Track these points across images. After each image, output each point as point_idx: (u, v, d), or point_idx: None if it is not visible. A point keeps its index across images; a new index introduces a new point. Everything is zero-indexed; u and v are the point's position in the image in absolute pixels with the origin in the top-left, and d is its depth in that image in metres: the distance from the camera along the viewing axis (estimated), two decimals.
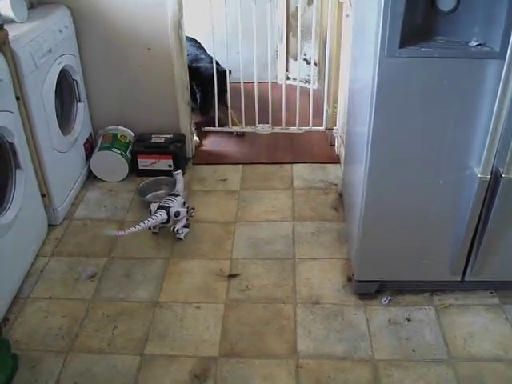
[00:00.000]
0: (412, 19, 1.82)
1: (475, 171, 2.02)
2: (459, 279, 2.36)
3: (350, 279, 2.54)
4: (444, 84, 1.88)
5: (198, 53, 4.15)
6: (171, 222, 2.83)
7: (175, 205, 2.84)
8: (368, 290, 2.44)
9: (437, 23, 1.87)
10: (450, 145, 2.00)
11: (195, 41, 4.36)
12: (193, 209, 3.05)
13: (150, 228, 2.86)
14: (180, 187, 3.03)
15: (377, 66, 1.88)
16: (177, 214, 2.80)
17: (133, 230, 2.67)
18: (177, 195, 2.92)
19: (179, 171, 3.15)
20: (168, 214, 2.79)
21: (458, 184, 2.08)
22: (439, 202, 2.15)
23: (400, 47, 1.83)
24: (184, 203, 2.95)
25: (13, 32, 2.55)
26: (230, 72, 3.65)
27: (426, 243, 2.27)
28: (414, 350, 2.20)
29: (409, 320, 2.34)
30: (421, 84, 1.91)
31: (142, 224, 2.71)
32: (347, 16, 3.08)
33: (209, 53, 4.16)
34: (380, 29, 1.81)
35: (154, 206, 2.87)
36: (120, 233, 2.66)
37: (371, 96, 1.96)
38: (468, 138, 1.98)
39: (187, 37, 3.78)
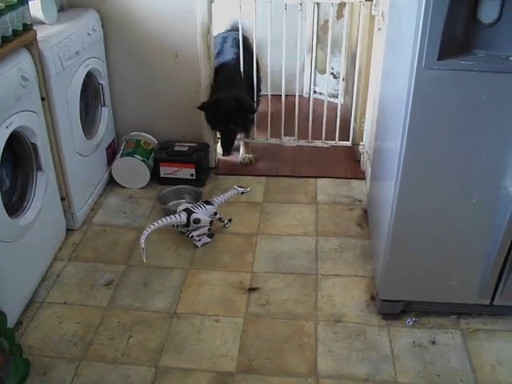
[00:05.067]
0: (452, 31, 1.76)
1: (510, 191, 1.94)
2: (488, 303, 2.28)
3: (373, 298, 2.47)
4: (483, 99, 1.82)
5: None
6: (190, 227, 2.78)
7: (200, 212, 2.79)
8: (392, 310, 2.36)
9: (477, 36, 1.81)
10: (486, 163, 1.93)
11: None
12: (229, 221, 3.00)
13: (173, 226, 2.82)
14: (222, 198, 2.94)
15: (413, 78, 1.82)
16: (196, 220, 2.75)
17: (149, 230, 2.62)
18: (209, 204, 2.87)
19: (244, 189, 3.00)
20: (188, 218, 2.75)
21: (491, 203, 2.01)
22: (472, 222, 2.07)
23: (438, 59, 1.77)
24: (215, 213, 2.88)
25: (41, 33, 2.56)
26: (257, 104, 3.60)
27: (455, 264, 2.19)
28: (438, 375, 2.12)
29: (434, 343, 2.25)
30: (458, 98, 1.84)
31: (159, 222, 2.68)
32: (379, 29, 3.02)
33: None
34: (418, 40, 1.76)
35: (181, 206, 2.84)
36: (142, 241, 2.57)
37: (405, 110, 1.90)
38: (505, 156, 1.91)
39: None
